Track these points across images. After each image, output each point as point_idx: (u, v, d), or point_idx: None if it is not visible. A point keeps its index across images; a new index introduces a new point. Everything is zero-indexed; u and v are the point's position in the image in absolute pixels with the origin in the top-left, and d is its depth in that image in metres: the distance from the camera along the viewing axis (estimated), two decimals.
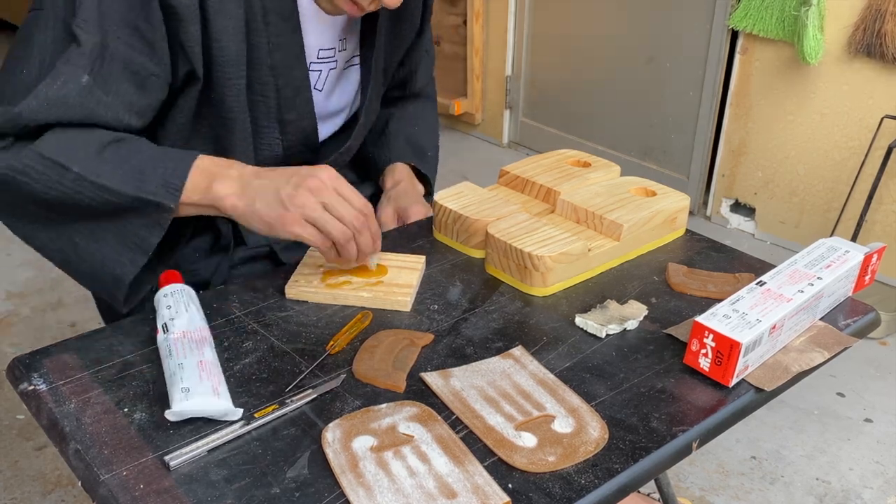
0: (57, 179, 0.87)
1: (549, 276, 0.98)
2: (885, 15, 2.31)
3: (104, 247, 0.92)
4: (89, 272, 0.94)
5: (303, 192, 0.88)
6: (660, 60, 2.93)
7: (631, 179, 1.16)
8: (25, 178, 0.87)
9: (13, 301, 2.39)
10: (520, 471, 0.71)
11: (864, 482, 1.80)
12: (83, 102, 0.88)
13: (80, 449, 0.73)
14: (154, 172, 0.89)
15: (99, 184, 0.87)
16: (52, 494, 1.73)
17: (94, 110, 0.89)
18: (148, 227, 0.90)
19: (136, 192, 0.88)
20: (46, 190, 0.88)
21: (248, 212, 0.90)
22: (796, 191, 2.72)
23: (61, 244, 0.94)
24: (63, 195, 0.88)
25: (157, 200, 0.88)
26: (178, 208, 0.90)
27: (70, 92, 0.87)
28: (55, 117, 0.88)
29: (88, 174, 0.87)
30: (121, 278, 0.93)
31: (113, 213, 0.90)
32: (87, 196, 0.88)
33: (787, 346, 0.89)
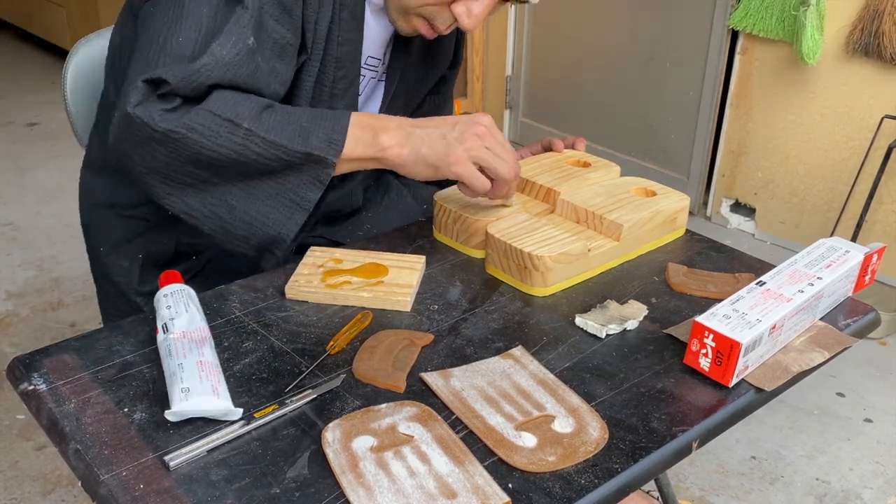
0: (227, 136, 0.89)
1: (549, 276, 0.98)
2: (883, 15, 2.31)
3: (263, 206, 0.94)
4: (244, 234, 0.96)
5: (470, 136, 0.94)
6: (660, 60, 2.93)
7: (631, 179, 1.16)
8: (196, 135, 0.89)
9: (13, 301, 2.39)
10: (520, 471, 0.71)
11: (864, 482, 1.81)
12: (249, 64, 0.92)
13: (80, 449, 0.73)
14: (317, 129, 0.92)
15: (269, 139, 0.90)
16: (52, 494, 1.73)
17: (255, 73, 0.93)
18: (308, 185, 0.93)
19: (303, 148, 0.91)
20: (215, 147, 0.89)
21: (412, 158, 0.95)
22: (796, 191, 2.72)
23: (215, 207, 0.95)
24: (231, 152, 0.90)
25: (322, 155, 0.91)
26: (339, 164, 0.93)
27: (240, 52, 0.91)
28: (228, 78, 0.91)
29: (259, 130, 0.90)
30: (282, 237, 0.95)
31: (273, 172, 0.93)
32: (254, 152, 0.90)
33: (787, 346, 0.89)
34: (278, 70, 0.97)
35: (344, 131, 0.93)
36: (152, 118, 0.88)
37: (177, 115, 0.89)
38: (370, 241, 1.10)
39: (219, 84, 0.91)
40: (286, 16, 0.96)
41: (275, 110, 0.93)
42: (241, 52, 0.91)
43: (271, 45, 0.96)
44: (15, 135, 3.60)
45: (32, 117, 3.77)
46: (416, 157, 0.95)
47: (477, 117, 0.97)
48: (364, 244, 1.09)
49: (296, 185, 0.93)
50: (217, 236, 0.97)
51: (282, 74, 0.98)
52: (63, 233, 2.79)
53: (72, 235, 2.76)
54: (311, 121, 0.93)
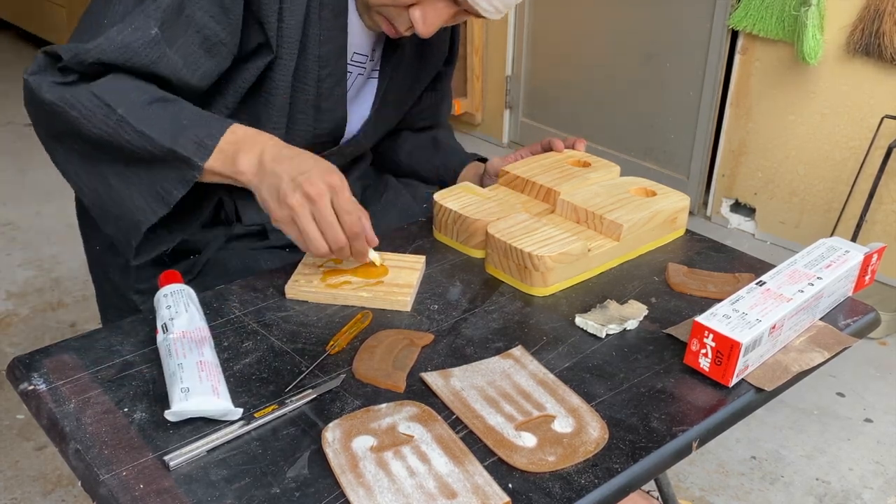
0: (102, 118, 0.92)
1: (549, 276, 0.98)
2: (883, 15, 2.31)
3: (133, 192, 0.96)
4: (115, 213, 0.98)
5: (298, 196, 0.88)
6: (659, 60, 2.93)
7: (631, 179, 1.16)
8: (75, 111, 0.92)
9: (13, 301, 2.39)
10: (520, 471, 0.71)
11: (864, 482, 1.80)
12: (147, 52, 0.94)
13: (80, 449, 0.73)
14: (191, 130, 0.93)
15: (138, 129, 0.91)
16: (52, 494, 1.73)
17: (156, 62, 0.95)
18: (174, 182, 0.94)
19: (170, 145, 0.91)
20: (90, 126, 0.93)
21: (257, 192, 0.93)
22: (796, 191, 2.72)
23: (96, 183, 0.98)
24: (104, 133, 0.92)
25: (187, 156, 0.91)
26: (204, 172, 0.93)
27: (137, 40, 0.93)
28: (120, 60, 0.93)
29: (131, 118, 0.92)
30: (139, 224, 0.96)
31: (146, 161, 0.94)
32: (125, 139, 0.92)
33: (787, 346, 0.89)
34: (199, 63, 0.98)
35: (217, 138, 0.92)
36: (40, 87, 0.94)
37: (63, 89, 0.93)
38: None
39: (114, 65, 0.93)
40: (223, 14, 0.97)
41: (165, 104, 0.95)
42: (139, 40, 0.93)
43: (199, 41, 0.97)
44: (15, 135, 3.60)
45: None
46: (259, 194, 0.92)
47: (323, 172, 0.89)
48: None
49: (163, 179, 0.94)
50: (94, 211, 1.00)
51: (204, 69, 0.99)
52: (63, 233, 2.79)
53: (72, 235, 2.75)
54: (192, 120, 0.94)
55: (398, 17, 1.05)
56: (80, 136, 0.95)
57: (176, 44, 0.96)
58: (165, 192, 0.94)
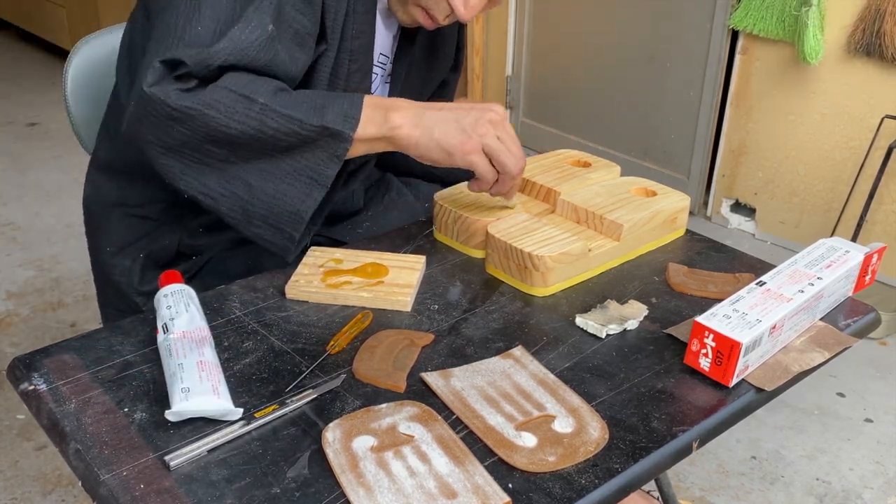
0: (244, 111, 0.90)
1: (549, 276, 0.98)
2: (885, 15, 2.31)
3: (281, 184, 0.94)
4: (263, 213, 0.95)
5: (484, 123, 0.94)
6: (660, 60, 2.93)
7: (631, 179, 1.16)
8: (213, 111, 0.89)
9: (13, 301, 2.39)
10: (520, 471, 0.71)
11: (865, 482, 1.81)
12: (267, 51, 0.93)
13: (80, 449, 0.73)
14: (332, 105, 0.93)
15: (284, 113, 0.90)
16: (52, 494, 1.73)
17: (273, 59, 0.94)
18: (325, 160, 0.94)
19: (320, 121, 0.91)
20: (232, 123, 0.90)
21: (424, 140, 0.94)
22: (796, 191, 2.72)
23: (233, 187, 0.95)
24: (248, 127, 0.90)
25: (338, 129, 0.91)
26: (353, 142, 0.93)
27: (259, 38, 0.92)
28: (244, 61, 0.92)
29: (275, 104, 0.90)
30: (300, 214, 0.95)
31: (290, 149, 0.93)
32: (271, 127, 0.90)
33: (788, 346, 0.89)
34: (297, 58, 0.98)
35: (359, 107, 0.93)
36: (168, 96, 0.88)
37: (193, 93, 0.90)
38: (370, 240, 1.10)
39: (235, 66, 0.92)
40: (307, 5, 0.96)
41: (289, 91, 0.94)
42: (260, 38, 0.92)
43: (291, 35, 0.96)
44: (15, 135, 3.60)
45: (32, 117, 3.77)
46: (429, 140, 0.94)
47: (491, 105, 0.96)
48: (364, 244, 1.09)
49: (313, 162, 0.93)
50: (235, 218, 0.97)
51: (300, 62, 0.98)
52: (63, 233, 2.79)
53: (72, 235, 2.76)
54: (325, 98, 0.94)
55: (437, 6, 1.04)
56: (215, 139, 0.92)
57: (282, 40, 0.95)
58: (317, 174, 0.94)
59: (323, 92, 0.96)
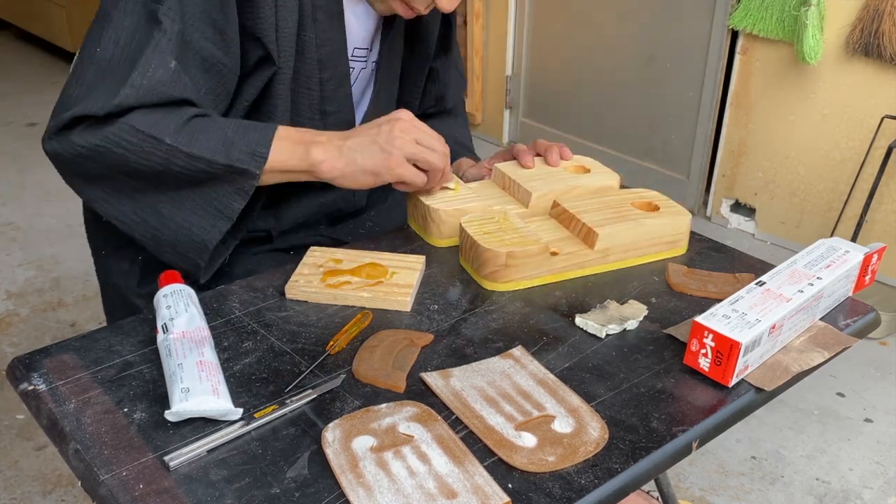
0: (151, 150, 0.92)
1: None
2: (883, 15, 2.31)
3: (189, 215, 0.97)
4: (172, 240, 0.98)
5: (397, 134, 0.97)
6: (660, 60, 2.93)
7: (637, 192, 1.13)
8: (121, 150, 0.92)
9: (13, 301, 2.39)
10: (520, 471, 0.71)
11: (864, 482, 1.81)
12: (174, 86, 0.93)
13: (80, 449, 0.73)
14: (240, 142, 0.94)
15: (191, 153, 0.92)
16: (52, 494, 1.73)
17: (182, 92, 0.94)
18: (232, 195, 0.96)
19: (226, 160, 0.92)
20: (140, 161, 0.92)
21: (350, 169, 0.97)
22: (796, 191, 2.72)
23: (145, 214, 0.98)
24: (156, 165, 0.93)
25: (244, 168, 0.93)
26: (265, 175, 0.96)
27: (162, 77, 0.93)
28: (151, 101, 0.93)
29: (180, 145, 0.92)
30: (205, 243, 0.97)
31: (199, 182, 0.95)
32: (178, 165, 0.92)
33: (787, 346, 0.89)
34: (202, 83, 0.98)
35: (268, 143, 0.94)
36: (72, 141, 0.92)
37: (98, 130, 0.92)
38: (370, 241, 1.11)
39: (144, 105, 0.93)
40: (218, 35, 0.97)
41: (202, 120, 0.95)
42: (163, 77, 0.92)
43: (199, 62, 0.96)
44: (15, 135, 3.60)
45: (32, 117, 3.77)
46: (355, 168, 0.97)
47: (396, 113, 0.99)
48: (364, 244, 1.09)
49: (220, 195, 0.95)
50: (147, 243, 1.00)
51: (206, 87, 0.98)
52: (63, 233, 2.79)
53: (72, 235, 2.76)
54: (236, 132, 0.94)
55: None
56: (126, 172, 0.94)
57: (189, 72, 0.96)
58: (224, 207, 0.96)
59: (236, 122, 0.97)
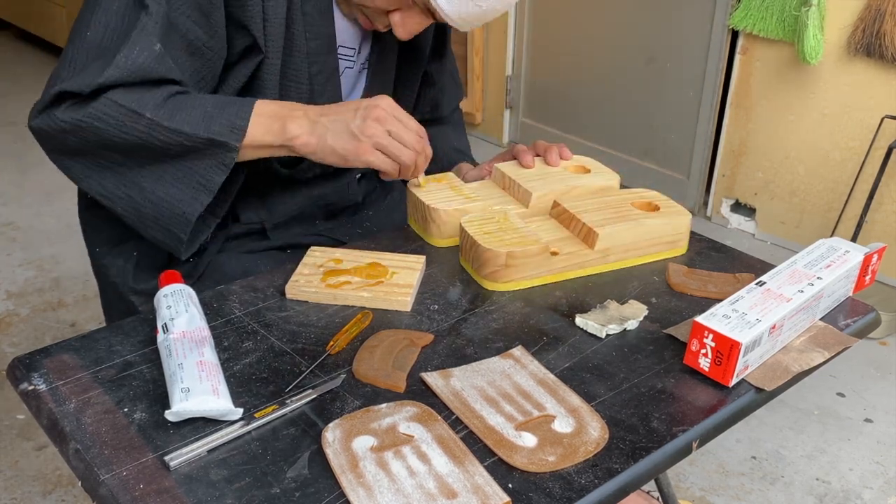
0: (131, 125, 0.93)
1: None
2: (885, 15, 2.31)
3: (171, 188, 0.97)
4: (154, 214, 0.99)
5: (371, 122, 0.97)
6: (660, 60, 2.93)
7: (637, 192, 1.13)
8: (102, 123, 0.93)
9: (13, 301, 2.39)
10: (520, 471, 0.71)
11: (864, 482, 1.81)
12: (157, 68, 0.94)
13: (80, 449, 0.73)
14: (220, 116, 0.95)
15: (170, 127, 0.93)
16: (52, 494, 1.73)
17: (166, 74, 0.95)
18: (213, 168, 0.96)
19: (206, 134, 0.93)
20: (120, 135, 0.93)
21: (321, 147, 0.97)
22: (796, 191, 2.72)
23: (127, 189, 0.99)
24: (135, 139, 0.93)
25: (223, 140, 0.94)
26: (244, 150, 0.96)
27: (146, 60, 0.94)
28: (133, 81, 0.94)
29: (160, 118, 0.93)
30: (186, 216, 0.98)
31: (180, 156, 0.96)
32: (158, 139, 0.93)
33: (787, 346, 0.89)
34: (187, 66, 0.99)
35: (247, 117, 0.95)
36: (54, 120, 0.94)
37: (80, 107, 0.93)
38: (370, 241, 1.11)
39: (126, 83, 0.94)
40: (203, 18, 0.98)
41: (183, 96, 0.96)
42: (147, 59, 0.93)
43: (184, 45, 0.98)
44: (15, 135, 3.60)
45: None
46: (324, 147, 0.97)
47: (376, 100, 0.99)
48: (364, 244, 1.09)
49: (201, 168, 0.96)
50: (129, 217, 1.00)
51: (191, 69, 1.00)
52: (63, 233, 2.79)
53: (72, 235, 2.76)
54: (216, 107, 0.95)
55: (377, 18, 1.07)
56: (107, 147, 0.95)
57: (173, 54, 0.97)
58: (206, 180, 0.96)
59: (215, 97, 0.98)
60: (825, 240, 1.01)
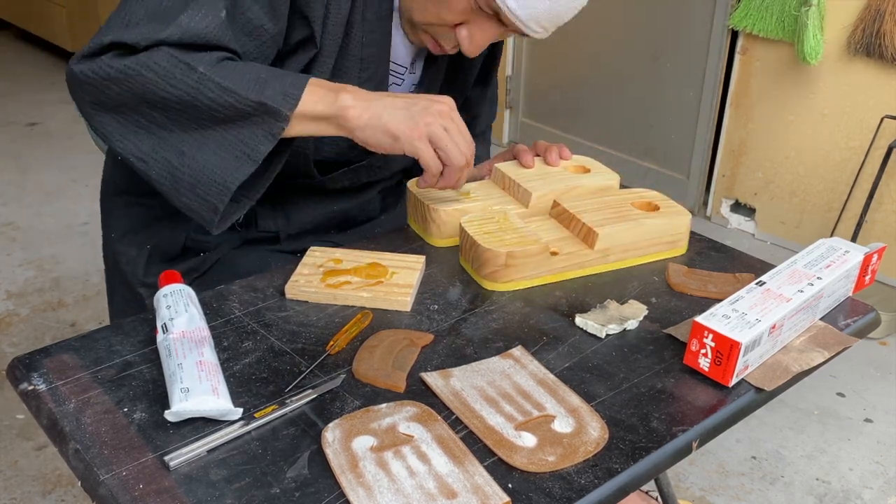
0: (181, 77, 0.89)
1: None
2: (884, 15, 2.31)
3: (212, 155, 0.93)
4: (192, 181, 0.94)
5: (432, 112, 0.94)
6: (660, 60, 2.93)
7: (637, 192, 1.13)
8: (151, 73, 0.88)
9: (13, 301, 2.39)
10: (520, 471, 0.71)
11: (864, 482, 1.81)
12: (218, 36, 0.91)
13: (79, 449, 0.73)
14: (274, 82, 0.91)
15: (223, 85, 0.89)
16: (52, 494, 1.73)
17: (227, 43, 0.93)
18: (260, 137, 0.92)
19: (257, 97, 0.90)
20: (169, 87, 0.89)
21: (373, 122, 0.93)
22: (796, 191, 2.72)
23: (165, 153, 0.94)
24: (184, 94, 0.89)
25: (276, 106, 0.90)
26: (293, 121, 0.92)
27: (209, 25, 0.91)
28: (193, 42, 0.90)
29: (214, 74, 0.89)
30: (227, 185, 0.93)
31: (226, 120, 0.92)
32: (207, 97, 0.89)
33: (787, 345, 0.89)
34: (244, 44, 0.97)
35: (301, 87, 0.92)
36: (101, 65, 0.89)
37: (131, 56, 0.89)
38: (370, 241, 1.11)
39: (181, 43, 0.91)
40: (269, 3, 0.96)
41: (235, 62, 0.93)
42: (210, 24, 0.90)
43: (243, 22, 0.95)
44: (15, 135, 3.60)
45: (33, 117, 3.77)
46: (377, 123, 0.94)
47: (440, 97, 0.97)
48: (364, 244, 1.09)
49: (248, 136, 0.92)
50: (163, 184, 0.95)
51: (251, 53, 0.97)
52: (63, 233, 2.79)
53: (72, 235, 2.76)
54: (270, 74, 0.92)
55: (444, 36, 1.05)
56: (150, 103, 0.91)
57: (234, 27, 0.94)
58: (251, 150, 0.92)
59: (270, 68, 0.95)
60: (825, 240, 1.01)
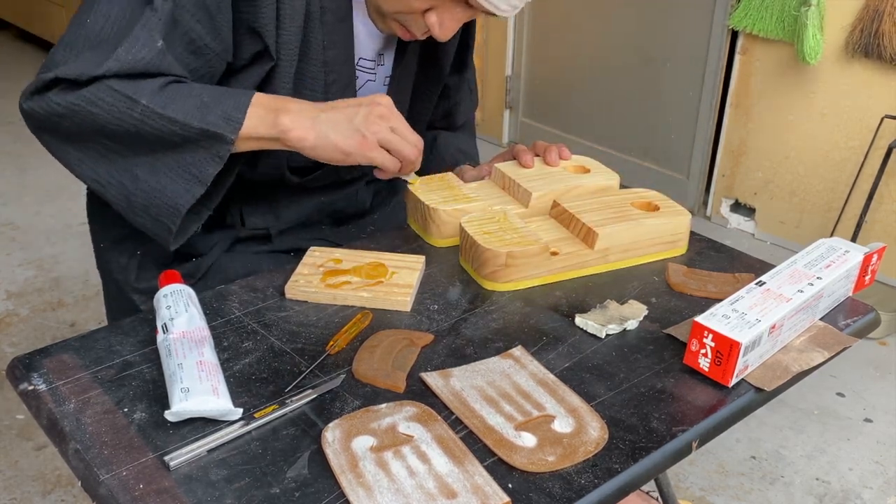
0: (125, 111, 0.91)
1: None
2: (883, 15, 2.31)
3: (163, 178, 0.95)
4: (145, 203, 0.97)
5: (374, 119, 0.97)
6: (660, 60, 2.94)
7: (636, 192, 1.13)
8: (96, 108, 0.91)
9: (13, 301, 2.39)
10: (520, 471, 0.71)
11: (864, 482, 1.81)
12: (157, 65, 0.93)
13: (79, 449, 0.73)
14: (216, 106, 0.93)
15: (165, 115, 0.91)
16: (52, 494, 1.73)
17: (166, 71, 0.94)
18: (207, 160, 0.94)
19: (200, 124, 0.92)
20: (114, 121, 0.92)
21: (321, 143, 0.96)
22: (796, 191, 2.72)
23: (120, 177, 0.97)
24: (130, 126, 0.92)
25: (218, 132, 0.92)
26: (238, 142, 0.95)
27: (147, 55, 0.93)
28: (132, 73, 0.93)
29: (155, 106, 0.91)
30: (178, 207, 0.96)
31: (174, 146, 0.94)
32: (152, 127, 0.92)
33: (787, 345, 0.89)
34: (191, 65, 0.98)
35: (243, 109, 0.93)
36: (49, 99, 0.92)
37: (75, 92, 0.92)
38: (370, 241, 1.11)
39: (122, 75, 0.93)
40: (208, 18, 0.97)
41: (180, 85, 0.95)
42: (147, 55, 0.92)
43: (186, 42, 0.96)
44: (15, 135, 3.60)
45: None
46: (326, 143, 0.96)
47: (376, 97, 0.99)
48: (364, 244, 1.09)
49: (195, 160, 0.95)
50: (120, 205, 0.99)
51: (197, 70, 0.99)
52: (63, 233, 2.79)
53: (72, 235, 2.76)
54: (212, 97, 0.94)
55: (414, 23, 1.05)
56: (101, 133, 0.94)
57: (175, 51, 0.96)
58: (199, 172, 0.95)
59: (213, 88, 0.97)
60: (825, 239, 1.01)
